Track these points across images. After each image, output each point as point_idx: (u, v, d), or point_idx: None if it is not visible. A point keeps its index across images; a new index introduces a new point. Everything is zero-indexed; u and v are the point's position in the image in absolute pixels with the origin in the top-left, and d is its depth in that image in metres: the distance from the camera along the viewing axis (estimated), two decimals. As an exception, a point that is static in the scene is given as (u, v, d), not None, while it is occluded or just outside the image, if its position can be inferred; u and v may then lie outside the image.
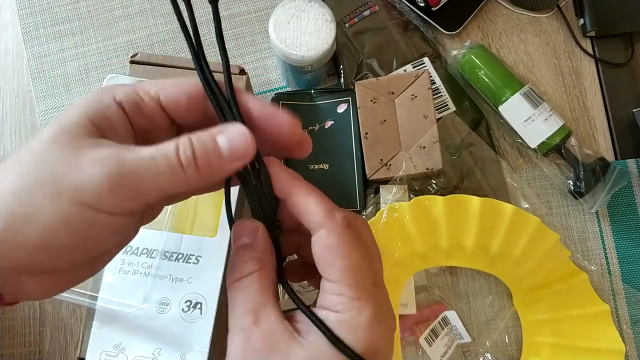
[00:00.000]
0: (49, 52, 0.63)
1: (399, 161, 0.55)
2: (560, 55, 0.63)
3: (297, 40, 0.51)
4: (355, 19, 0.61)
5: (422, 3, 0.60)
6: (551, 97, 0.62)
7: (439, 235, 0.52)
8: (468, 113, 0.60)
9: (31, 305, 0.57)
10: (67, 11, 0.64)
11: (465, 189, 0.56)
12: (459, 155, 0.57)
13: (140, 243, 0.48)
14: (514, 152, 0.60)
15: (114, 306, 0.46)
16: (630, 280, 0.57)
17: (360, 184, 0.56)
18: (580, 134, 0.61)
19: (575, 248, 0.57)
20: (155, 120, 0.26)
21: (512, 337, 0.56)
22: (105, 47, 0.63)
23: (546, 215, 0.58)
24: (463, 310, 0.56)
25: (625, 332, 0.55)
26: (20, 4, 0.64)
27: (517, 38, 0.63)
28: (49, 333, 0.57)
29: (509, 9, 0.64)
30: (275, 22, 0.52)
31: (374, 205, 0.56)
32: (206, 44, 0.67)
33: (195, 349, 0.45)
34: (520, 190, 0.57)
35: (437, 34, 0.62)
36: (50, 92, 0.62)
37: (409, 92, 0.56)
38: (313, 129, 0.57)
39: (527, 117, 0.56)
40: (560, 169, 0.58)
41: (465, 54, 0.58)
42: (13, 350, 0.56)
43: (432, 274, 0.57)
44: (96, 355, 0.45)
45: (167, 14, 0.64)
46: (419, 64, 0.60)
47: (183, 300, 0.46)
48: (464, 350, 0.55)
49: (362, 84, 0.56)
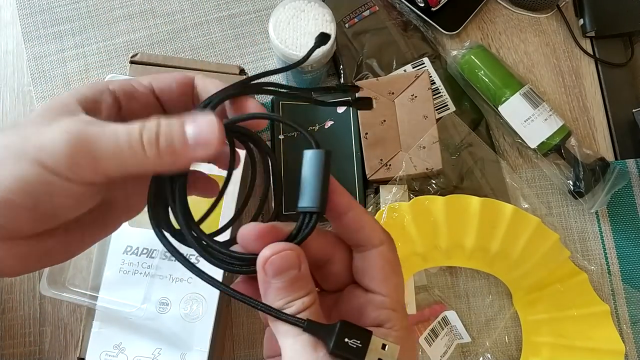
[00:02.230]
0: (49, 52, 0.63)
1: (398, 161, 0.55)
2: (560, 55, 0.63)
3: (297, 41, 0.51)
4: (355, 19, 0.61)
5: (422, 3, 0.60)
6: (551, 97, 0.62)
7: (438, 235, 0.52)
8: (468, 113, 0.60)
9: (31, 305, 0.57)
10: (67, 11, 0.64)
11: (465, 189, 0.56)
12: (458, 155, 0.57)
13: (140, 243, 0.48)
14: (514, 152, 0.60)
15: (114, 306, 0.46)
16: (630, 280, 0.57)
17: (360, 184, 0.56)
18: (580, 134, 0.61)
19: (575, 248, 0.57)
20: (148, 107, 0.27)
21: (512, 337, 0.56)
22: (105, 47, 0.63)
23: (546, 215, 0.58)
24: (463, 310, 0.56)
25: (625, 332, 0.55)
26: (20, 4, 0.64)
27: (517, 38, 0.63)
28: (49, 333, 0.57)
29: (509, 9, 0.64)
30: (275, 22, 0.52)
31: (374, 205, 0.56)
32: (206, 44, 0.67)
33: (195, 349, 0.45)
34: (520, 190, 0.57)
35: (437, 34, 0.62)
36: (50, 92, 0.62)
37: (408, 92, 0.56)
38: (313, 129, 0.57)
39: (527, 117, 0.56)
40: (560, 169, 0.58)
41: (465, 54, 0.58)
42: (13, 350, 0.56)
43: (432, 274, 0.57)
44: (96, 355, 0.45)
45: (167, 14, 0.64)
46: (418, 64, 0.60)
47: (183, 300, 0.46)
48: (464, 350, 0.55)
49: (362, 84, 0.56)
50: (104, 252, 0.47)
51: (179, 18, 0.63)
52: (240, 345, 0.56)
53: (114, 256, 0.47)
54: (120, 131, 0.23)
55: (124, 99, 0.26)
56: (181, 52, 0.63)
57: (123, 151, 0.23)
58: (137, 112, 0.27)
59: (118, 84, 0.26)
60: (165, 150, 0.23)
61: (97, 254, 0.48)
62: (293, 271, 0.24)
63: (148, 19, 0.64)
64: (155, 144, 0.23)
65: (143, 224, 0.48)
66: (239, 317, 0.56)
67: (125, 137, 0.23)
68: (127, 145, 0.23)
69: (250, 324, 0.56)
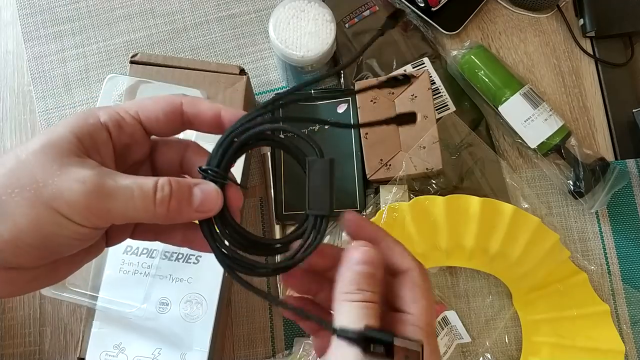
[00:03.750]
0: (49, 52, 0.63)
1: (398, 161, 0.55)
2: (560, 55, 0.63)
3: (297, 41, 0.51)
4: (355, 19, 0.61)
5: (422, 3, 0.60)
6: (551, 97, 0.62)
7: (438, 235, 0.52)
8: (468, 113, 0.60)
9: (31, 305, 0.57)
10: (67, 11, 0.64)
11: (465, 189, 0.56)
12: (458, 155, 0.57)
13: (140, 243, 0.48)
14: (514, 152, 0.60)
15: (114, 306, 0.46)
16: (630, 280, 0.57)
17: (360, 184, 0.56)
18: (580, 134, 0.61)
19: (575, 248, 0.57)
20: (135, 136, 0.28)
21: (512, 337, 0.56)
22: (106, 47, 0.63)
23: (546, 215, 0.58)
24: (463, 310, 0.56)
25: (625, 332, 0.55)
26: (20, 4, 0.64)
27: (517, 38, 0.63)
28: (49, 333, 0.57)
29: (509, 9, 0.64)
30: (275, 22, 0.52)
31: (374, 205, 0.56)
32: (206, 44, 0.67)
33: (195, 349, 0.45)
34: (520, 190, 0.57)
35: (437, 34, 0.62)
36: (50, 92, 0.62)
37: (409, 92, 0.56)
38: (313, 129, 0.57)
39: (527, 117, 0.56)
40: (560, 169, 0.58)
41: (465, 54, 0.58)
42: (13, 350, 0.56)
43: (432, 274, 0.57)
44: (96, 355, 0.46)
45: (167, 14, 0.64)
46: (418, 64, 0.60)
47: (183, 300, 0.46)
48: (464, 350, 0.55)
49: (361, 84, 0.56)
50: (104, 252, 0.47)
51: (179, 18, 0.64)
52: (240, 345, 0.56)
53: (114, 256, 0.47)
54: (134, 188, 0.25)
55: (115, 133, 0.28)
56: (181, 52, 0.63)
57: (136, 206, 0.25)
58: (126, 141, 0.28)
59: (108, 116, 0.27)
60: (174, 209, 0.26)
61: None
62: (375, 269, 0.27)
63: (148, 19, 0.64)
64: (166, 204, 0.26)
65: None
66: (239, 317, 0.56)
67: (140, 194, 0.25)
68: (140, 202, 0.25)
69: (250, 324, 0.56)
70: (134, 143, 0.29)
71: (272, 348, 0.56)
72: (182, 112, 0.29)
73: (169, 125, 0.29)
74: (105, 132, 0.27)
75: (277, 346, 0.56)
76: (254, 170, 0.59)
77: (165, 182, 0.26)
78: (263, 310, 0.56)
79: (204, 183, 0.27)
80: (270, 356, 0.55)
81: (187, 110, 0.29)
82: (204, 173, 0.28)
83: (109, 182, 0.25)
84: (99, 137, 0.27)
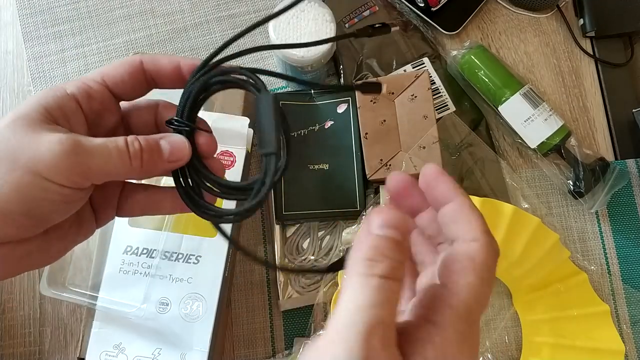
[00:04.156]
0: (49, 52, 0.63)
1: (398, 161, 0.55)
2: (560, 55, 0.63)
3: (297, 41, 0.51)
4: (355, 19, 0.61)
5: (422, 3, 0.60)
6: (551, 97, 0.62)
7: (438, 235, 0.52)
8: (468, 113, 0.60)
9: (31, 305, 0.57)
10: (67, 11, 0.64)
11: (465, 189, 0.55)
12: (458, 155, 0.57)
13: (140, 243, 0.48)
14: (514, 152, 0.60)
15: (114, 306, 0.46)
16: (630, 280, 0.57)
17: (360, 184, 0.56)
18: (580, 134, 0.61)
19: (575, 248, 0.57)
20: (105, 102, 0.30)
21: (512, 337, 0.56)
22: (105, 47, 0.63)
23: (546, 215, 0.58)
24: (463, 310, 0.56)
25: (625, 332, 0.55)
26: (20, 4, 0.64)
27: (517, 38, 0.63)
28: (49, 333, 0.57)
29: (509, 9, 0.64)
30: (275, 22, 0.52)
31: (374, 205, 0.56)
32: (206, 44, 0.67)
33: (195, 349, 0.45)
34: (520, 190, 0.57)
35: (437, 34, 0.62)
36: (50, 92, 0.62)
37: (408, 92, 0.56)
38: (313, 129, 0.57)
39: (526, 117, 0.56)
40: (560, 169, 0.58)
41: (465, 54, 0.59)
42: (13, 350, 0.56)
43: (432, 274, 0.57)
44: (96, 355, 0.46)
45: (167, 14, 0.64)
46: (418, 64, 0.60)
47: (183, 300, 0.46)
48: (464, 350, 0.55)
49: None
50: (104, 252, 0.47)
51: (179, 18, 0.64)
52: (240, 345, 0.56)
53: (114, 256, 0.47)
54: (109, 145, 0.27)
55: (83, 100, 0.29)
56: (181, 52, 0.63)
57: (114, 161, 0.27)
58: (97, 108, 0.29)
59: (74, 87, 0.28)
60: (147, 161, 0.28)
61: (97, 254, 0.48)
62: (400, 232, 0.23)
63: (148, 19, 0.64)
64: (139, 156, 0.28)
65: (143, 224, 0.48)
66: (239, 317, 0.56)
67: (116, 149, 0.27)
68: (117, 157, 0.27)
69: (250, 324, 0.56)
70: (104, 110, 0.30)
71: (272, 348, 0.56)
72: (144, 70, 0.30)
73: (135, 86, 0.30)
74: (73, 102, 0.28)
75: (277, 346, 0.56)
76: (254, 171, 0.59)
77: (133, 138, 0.28)
78: (263, 310, 0.56)
79: (170, 135, 0.29)
80: (270, 356, 0.55)
81: (148, 67, 0.30)
82: (170, 125, 0.29)
83: (84, 141, 0.26)
84: (67, 107, 0.28)
